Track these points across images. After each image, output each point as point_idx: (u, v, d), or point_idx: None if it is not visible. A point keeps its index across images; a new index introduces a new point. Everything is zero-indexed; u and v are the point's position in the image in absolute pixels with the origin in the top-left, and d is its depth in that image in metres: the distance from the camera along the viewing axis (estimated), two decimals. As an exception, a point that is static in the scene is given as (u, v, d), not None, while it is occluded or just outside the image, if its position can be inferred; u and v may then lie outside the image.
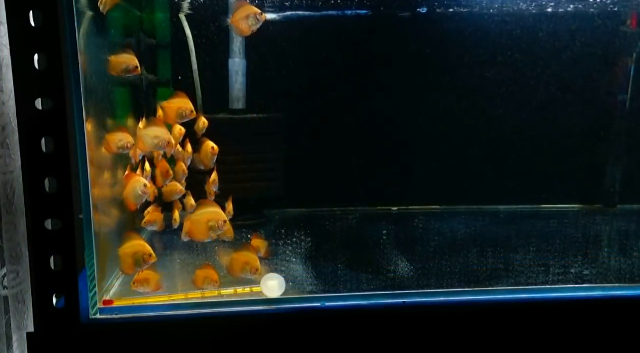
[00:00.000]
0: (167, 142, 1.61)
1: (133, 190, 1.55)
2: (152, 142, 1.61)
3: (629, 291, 1.64)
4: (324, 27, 2.47)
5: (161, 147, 1.63)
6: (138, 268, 1.49)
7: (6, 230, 1.58)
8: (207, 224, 1.53)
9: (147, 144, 1.62)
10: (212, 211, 1.54)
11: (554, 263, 1.96)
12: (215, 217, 1.53)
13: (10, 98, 1.55)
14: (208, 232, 1.53)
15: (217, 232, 1.54)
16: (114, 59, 1.54)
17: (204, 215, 1.54)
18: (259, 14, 1.55)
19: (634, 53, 2.62)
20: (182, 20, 2.32)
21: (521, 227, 2.50)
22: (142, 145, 1.63)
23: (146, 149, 1.64)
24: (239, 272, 1.55)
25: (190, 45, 2.32)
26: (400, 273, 1.85)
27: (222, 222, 1.53)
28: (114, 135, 1.56)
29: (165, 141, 1.60)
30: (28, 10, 1.24)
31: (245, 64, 2.37)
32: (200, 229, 1.54)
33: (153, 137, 1.60)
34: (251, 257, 1.55)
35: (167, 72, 2.38)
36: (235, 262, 1.56)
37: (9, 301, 1.62)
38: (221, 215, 1.54)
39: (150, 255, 1.47)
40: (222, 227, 1.53)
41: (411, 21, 2.55)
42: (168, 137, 1.61)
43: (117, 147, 1.55)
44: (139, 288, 1.53)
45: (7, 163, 1.57)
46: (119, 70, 1.54)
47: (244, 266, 1.54)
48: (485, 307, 1.56)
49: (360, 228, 2.49)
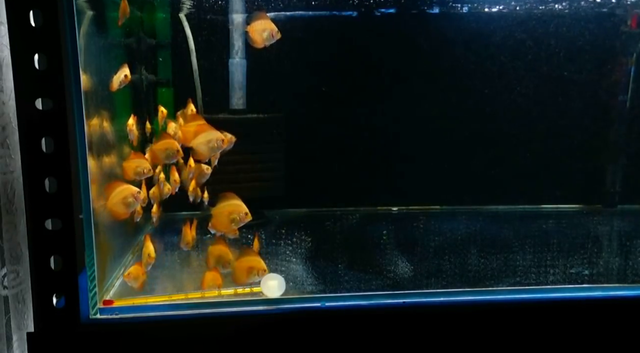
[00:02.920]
0: (177, 151, 1.65)
1: (121, 199, 1.52)
2: (163, 155, 1.66)
3: (629, 291, 1.64)
4: (325, 27, 2.47)
5: (173, 157, 1.66)
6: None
7: (6, 230, 1.57)
8: (229, 217, 1.54)
9: (160, 157, 1.67)
10: (233, 203, 1.55)
11: (553, 264, 1.96)
12: (236, 210, 1.54)
13: (10, 98, 1.54)
14: (230, 224, 1.55)
15: (238, 224, 1.55)
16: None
17: (226, 207, 1.55)
18: (275, 31, 1.59)
19: (634, 53, 2.62)
20: (182, 20, 2.32)
21: (521, 227, 2.50)
22: (154, 159, 1.69)
23: (159, 162, 1.71)
24: (245, 279, 1.55)
25: (190, 45, 2.33)
26: (400, 273, 1.85)
27: (244, 214, 1.54)
28: (131, 162, 1.60)
29: (174, 151, 1.65)
30: (28, 10, 1.24)
31: (245, 63, 2.37)
32: (222, 221, 1.56)
33: (163, 149, 1.64)
34: (255, 260, 1.55)
35: (167, 72, 2.38)
36: (239, 270, 1.56)
37: (9, 301, 1.62)
38: (243, 207, 1.55)
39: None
40: (243, 220, 1.54)
41: (412, 21, 2.55)
42: (177, 147, 1.65)
43: (135, 173, 1.61)
44: (129, 281, 1.56)
45: (7, 163, 1.57)
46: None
47: (250, 271, 1.54)
48: (485, 307, 1.56)
49: (360, 228, 2.49)
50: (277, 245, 2.10)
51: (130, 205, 1.51)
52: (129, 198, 1.50)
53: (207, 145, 1.60)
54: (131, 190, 1.51)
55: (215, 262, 1.61)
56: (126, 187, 1.51)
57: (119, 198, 1.50)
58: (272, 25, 1.60)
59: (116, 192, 1.50)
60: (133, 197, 1.50)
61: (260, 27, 1.60)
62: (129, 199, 1.50)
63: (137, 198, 1.52)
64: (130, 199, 1.50)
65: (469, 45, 2.52)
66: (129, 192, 1.50)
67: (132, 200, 1.50)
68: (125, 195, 1.50)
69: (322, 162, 2.52)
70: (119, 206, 1.50)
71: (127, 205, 1.51)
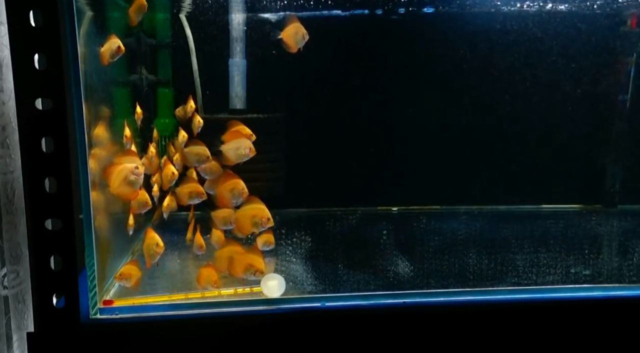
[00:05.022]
0: (207, 157, 1.69)
1: (122, 181, 1.47)
2: (194, 159, 1.72)
3: (629, 291, 1.65)
4: (325, 26, 2.47)
5: (202, 162, 1.71)
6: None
7: (6, 230, 1.57)
8: (252, 219, 1.55)
9: (190, 160, 1.73)
10: (257, 208, 1.56)
11: (553, 263, 1.96)
12: (259, 214, 1.55)
13: (10, 98, 1.54)
14: (252, 227, 1.57)
15: (260, 227, 1.57)
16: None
17: (249, 210, 1.56)
18: (305, 34, 1.63)
19: (634, 53, 2.62)
20: (182, 20, 2.32)
21: (521, 227, 2.50)
22: (185, 161, 1.78)
23: (190, 164, 1.78)
24: (241, 273, 1.55)
25: (191, 45, 2.33)
26: (401, 273, 1.85)
27: (266, 219, 1.55)
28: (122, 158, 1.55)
29: (205, 156, 1.70)
30: (28, 10, 1.24)
31: (245, 63, 2.37)
32: (244, 224, 1.57)
33: (194, 154, 1.70)
34: (255, 259, 1.55)
35: (167, 72, 2.38)
36: (238, 263, 1.56)
37: (9, 301, 1.62)
38: (265, 212, 1.55)
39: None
40: (265, 224, 1.56)
41: (413, 21, 2.55)
42: (207, 153, 1.70)
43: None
44: (121, 282, 1.55)
45: (7, 163, 1.57)
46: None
47: (247, 267, 1.54)
48: (485, 307, 1.56)
49: (360, 228, 2.49)
50: (277, 245, 2.09)
51: (134, 183, 1.46)
52: (130, 177, 1.45)
53: (236, 151, 1.62)
54: (128, 168, 1.45)
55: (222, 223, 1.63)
56: (122, 166, 1.45)
57: (119, 180, 1.45)
58: (302, 29, 1.63)
59: (115, 174, 1.45)
60: (133, 174, 1.45)
61: (294, 31, 1.64)
62: (131, 177, 1.45)
63: (138, 174, 1.46)
64: (131, 177, 1.45)
65: (468, 46, 2.52)
66: (128, 171, 1.45)
67: (133, 177, 1.45)
68: (125, 174, 1.45)
69: (322, 162, 2.52)
70: (124, 187, 1.46)
71: (131, 183, 1.46)
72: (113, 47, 1.53)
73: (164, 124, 2.32)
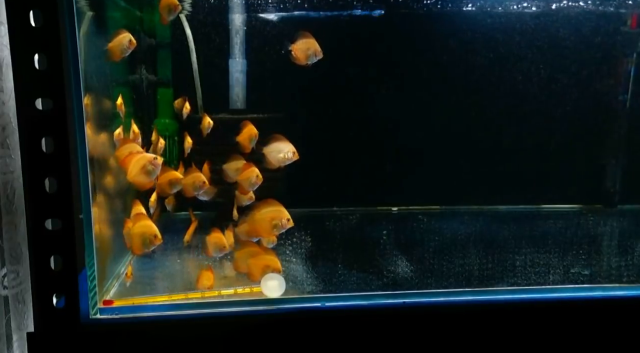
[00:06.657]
0: (203, 182, 1.72)
1: (140, 169, 1.51)
2: (234, 175, 1.75)
3: (629, 291, 1.64)
4: (325, 26, 2.47)
5: (199, 189, 1.73)
6: (146, 249, 1.51)
7: (6, 230, 1.57)
8: (271, 222, 1.55)
9: (231, 176, 1.76)
10: (276, 210, 1.56)
11: (553, 263, 1.96)
12: (279, 215, 1.55)
13: (10, 98, 1.54)
14: (272, 229, 1.56)
15: (280, 230, 1.57)
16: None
17: (268, 213, 1.56)
18: (318, 51, 1.65)
19: (634, 53, 2.62)
20: (182, 20, 2.32)
21: (521, 227, 2.50)
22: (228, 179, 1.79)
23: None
24: (259, 275, 1.55)
25: (190, 45, 2.32)
26: (401, 273, 1.85)
27: (286, 220, 1.55)
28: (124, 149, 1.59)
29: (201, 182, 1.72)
30: (28, 10, 1.24)
31: (245, 63, 2.37)
32: (264, 227, 1.57)
33: (235, 169, 1.74)
34: (271, 259, 1.55)
35: (167, 72, 2.38)
36: (255, 266, 1.56)
37: (9, 301, 1.62)
38: (285, 213, 1.55)
39: (155, 236, 1.48)
40: (285, 226, 1.55)
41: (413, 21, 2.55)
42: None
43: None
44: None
45: (7, 163, 1.57)
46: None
47: (264, 268, 1.54)
48: (485, 307, 1.56)
49: (360, 228, 2.49)
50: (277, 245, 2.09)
51: (151, 173, 1.50)
52: (148, 167, 1.49)
53: (277, 154, 1.64)
54: (147, 158, 1.50)
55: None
56: (142, 156, 1.51)
57: (137, 168, 1.49)
58: (316, 46, 1.65)
59: (133, 162, 1.49)
60: (151, 164, 1.49)
61: (305, 46, 1.65)
62: (148, 167, 1.49)
63: (156, 165, 1.50)
64: (149, 167, 1.49)
65: (468, 46, 2.52)
66: (146, 160, 1.49)
67: (151, 167, 1.49)
68: (143, 164, 1.49)
69: (323, 161, 2.52)
70: (140, 176, 1.49)
71: (148, 173, 1.49)
72: (124, 41, 1.53)
73: (164, 124, 2.32)
